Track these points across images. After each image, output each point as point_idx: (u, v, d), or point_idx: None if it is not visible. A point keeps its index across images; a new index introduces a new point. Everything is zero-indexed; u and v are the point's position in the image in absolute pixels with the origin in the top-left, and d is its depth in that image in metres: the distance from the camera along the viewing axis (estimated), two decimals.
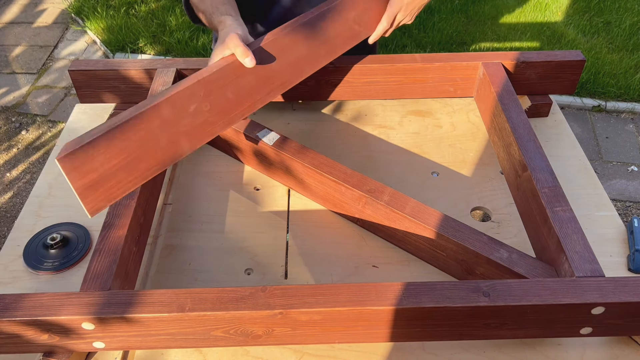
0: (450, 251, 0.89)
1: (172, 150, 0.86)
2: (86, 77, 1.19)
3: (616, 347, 0.83)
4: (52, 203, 1.06)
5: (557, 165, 1.10)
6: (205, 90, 0.88)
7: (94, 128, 0.79)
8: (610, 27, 3.25)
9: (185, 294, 0.77)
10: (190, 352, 0.83)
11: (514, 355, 0.82)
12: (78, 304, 0.76)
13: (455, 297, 0.76)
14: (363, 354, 0.83)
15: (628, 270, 0.94)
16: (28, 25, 3.46)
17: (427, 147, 1.19)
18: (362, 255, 0.97)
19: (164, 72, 1.16)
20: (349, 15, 1.09)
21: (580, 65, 1.21)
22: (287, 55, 0.99)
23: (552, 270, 0.85)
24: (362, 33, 1.14)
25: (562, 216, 0.87)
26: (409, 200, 0.93)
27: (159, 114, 0.82)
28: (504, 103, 1.10)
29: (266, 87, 0.98)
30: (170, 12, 3.33)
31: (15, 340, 0.77)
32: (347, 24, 1.09)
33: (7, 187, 2.40)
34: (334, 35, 1.07)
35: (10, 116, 2.78)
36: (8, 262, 0.95)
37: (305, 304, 0.75)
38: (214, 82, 0.89)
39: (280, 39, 0.97)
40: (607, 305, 0.75)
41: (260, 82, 0.96)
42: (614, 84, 2.85)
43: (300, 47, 1.01)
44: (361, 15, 1.11)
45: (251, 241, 0.99)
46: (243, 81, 0.92)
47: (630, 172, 2.48)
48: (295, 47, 1.00)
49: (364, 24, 1.13)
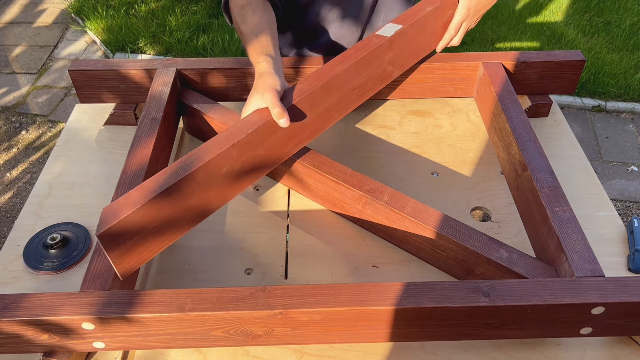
0: (450, 251, 0.89)
1: (202, 210, 0.86)
2: (86, 77, 1.19)
3: (616, 347, 0.83)
4: (52, 203, 1.06)
5: (557, 165, 1.10)
6: (238, 152, 0.87)
7: (132, 192, 0.78)
8: (610, 27, 3.25)
9: (185, 294, 0.77)
10: (190, 352, 0.83)
11: (514, 355, 0.82)
12: (78, 304, 0.76)
13: (455, 297, 0.76)
14: (363, 354, 0.83)
15: (628, 270, 0.94)
16: (28, 25, 3.46)
17: (427, 147, 1.19)
18: (362, 255, 0.97)
19: (164, 72, 1.16)
20: (385, 57, 1.07)
21: (580, 65, 1.21)
22: (319, 107, 0.98)
23: (552, 270, 0.85)
24: (394, 73, 1.12)
25: (562, 216, 0.87)
26: (409, 200, 0.93)
27: (194, 180, 0.82)
28: (504, 103, 1.10)
29: (296, 139, 0.97)
30: (170, 12, 3.33)
31: (15, 340, 0.77)
32: (382, 66, 1.07)
33: (7, 187, 2.40)
34: (366, 79, 1.05)
35: (10, 116, 2.78)
36: (8, 262, 0.95)
37: (305, 304, 0.75)
38: (247, 143, 0.87)
39: (313, 93, 0.95)
40: (607, 305, 0.75)
41: (291, 136, 0.95)
42: (614, 84, 2.85)
43: (332, 98, 0.99)
44: (397, 56, 1.09)
45: (251, 241, 0.99)
46: (275, 137, 0.90)
47: (630, 172, 2.48)
48: (327, 98, 0.98)
49: (398, 63, 1.11)
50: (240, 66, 1.17)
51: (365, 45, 1.04)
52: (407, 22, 1.08)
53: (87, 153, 1.17)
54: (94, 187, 1.09)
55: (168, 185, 0.79)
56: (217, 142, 0.86)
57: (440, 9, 1.13)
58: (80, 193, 1.08)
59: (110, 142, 1.20)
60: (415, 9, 1.12)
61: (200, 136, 1.20)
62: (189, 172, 0.81)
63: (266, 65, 0.94)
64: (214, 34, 3.16)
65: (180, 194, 0.81)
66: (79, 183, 1.10)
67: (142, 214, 0.77)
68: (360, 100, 1.07)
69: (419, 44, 1.14)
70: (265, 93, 0.89)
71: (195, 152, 0.84)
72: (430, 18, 1.12)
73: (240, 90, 1.21)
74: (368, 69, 1.04)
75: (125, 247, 0.78)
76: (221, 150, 0.83)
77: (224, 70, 1.18)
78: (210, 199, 0.86)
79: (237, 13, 1.06)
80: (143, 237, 0.80)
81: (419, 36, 1.12)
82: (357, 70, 1.02)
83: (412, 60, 1.15)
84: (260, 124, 0.88)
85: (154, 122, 1.04)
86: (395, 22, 1.09)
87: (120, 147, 1.18)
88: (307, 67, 1.19)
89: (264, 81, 0.91)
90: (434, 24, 1.14)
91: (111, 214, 0.76)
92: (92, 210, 1.04)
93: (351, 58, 1.01)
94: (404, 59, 1.13)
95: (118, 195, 0.90)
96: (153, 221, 0.79)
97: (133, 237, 0.78)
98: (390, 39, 1.04)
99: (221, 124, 1.09)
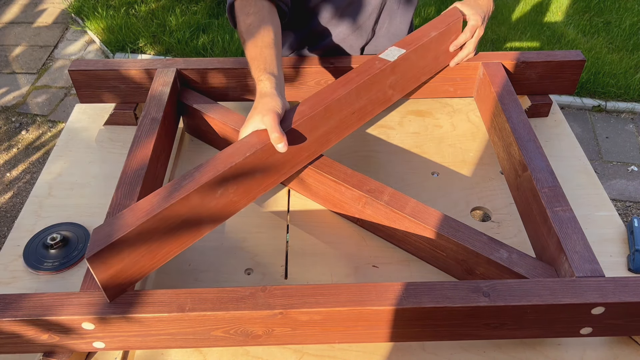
0: (450, 251, 0.89)
1: (194, 232, 0.85)
2: (86, 77, 1.19)
3: (616, 347, 0.83)
4: (52, 203, 1.06)
5: (557, 165, 1.10)
6: (234, 175, 0.85)
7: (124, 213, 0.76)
8: (610, 27, 3.25)
9: (185, 294, 0.77)
10: (190, 352, 0.83)
11: (514, 355, 0.82)
12: (78, 304, 0.76)
13: (455, 297, 0.76)
14: (363, 354, 0.83)
15: (628, 270, 0.94)
16: (28, 25, 3.46)
17: (427, 147, 1.19)
18: (362, 255, 0.97)
19: (163, 72, 1.16)
20: (386, 82, 1.06)
21: (580, 65, 1.21)
22: (318, 130, 0.97)
23: (552, 270, 0.85)
24: (394, 96, 1.11)
25: (562, 216, 0.87)
26: (409, 200, 0.93)
27: (188, 203, 0.80)
28: (504, 103, 1.10)
29: (293, 161, 0.96)
30: (170, 12, 3.33)
31: (16, 340, 0.77)
32: (383, 89, 1.06)
33: (7, 187, 2.40)
34: (367, 102, 1.04)
35: (10, 116, 2.78)
36: (8, 262, 0.95)
37: (305, 304, 0.75)
38: (244, 166, 0.86)
39: (314, 116, 0.94)
40: (607, 305, 0.75)
41: (288, 159, 0.94)
42: (614, 84, 2.85)
43: (332, 121, 0.98)
44: (398, 80, 1.08)
45: (251, 241, 0.99)
46: (271, 160, 0.88)
47: (630, 172, 2.48)
48: (327, 121, 0.97)
49: (399, 87, 1.10)
50: (240, 66, 1.17)
51: (368, 69, 1.02)
52: (411, 46, 1.07)
53: (87, 153, 1.17)
54: (94, 187, 1.09)
55: (161, 209, 0.77)
56: (213, 164, 0.84)
57: (444, 34, 1.12)
58: (80, 193, 1.08)
59: (110, 142, 1.20)
60: (419, 32, 1.11)
61: (200, 136, 1.20)
62: (183, 195, 0.79)
63: (269, 85, 0.92)
64: (214, 34, 3.16)
65: (174, 216, 0.79)
66: (79, 183, 1.10)
67: (134, 238, 0.75)
68: (358, 124, 1.06)
69: (421, 68, 1.13)
70: (265, 115, 0.87)
71: (191, 174, 0.82)
72: (434, 43, 1.11)
73: (241, 90, 1.21)
74: (369, 93, 1.03)
75: (115, 271, 0.76)
76: (218, 173, 0.82)
77: (224, 70, 1.18)
78: (203, 221, 0.85)
79: (243, 21, 1.02)
80: (133, 261, 0.78)
81: (421, 61, 1.11)
82: (358, 93, 1.00)
83: (412, 84, 1.14)
84: (258, 147, 0.86)
85: (154, 122, 1.04)
86: (398, 45, 1.08)
87: (120, 147, 1.18)
88: (307, 67, 1.19)
89: (265, 102, 0.90)
90: (438, 48, 1.13)
91: (104, 236, 0.74)
92: (92, 210, 1.04)
93: (353, 82, 1.00)
94: (405, 83, 1.12)
95: (118, 195, 0.90)
96: (144, 244, 0.78)
97: (124, 259, 0.76)
98: (393, 63, 1.04)
99: (221, 124, 1.09)
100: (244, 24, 1.02)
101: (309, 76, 1.20)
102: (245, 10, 1.03)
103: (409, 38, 1.10)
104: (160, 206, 0.77)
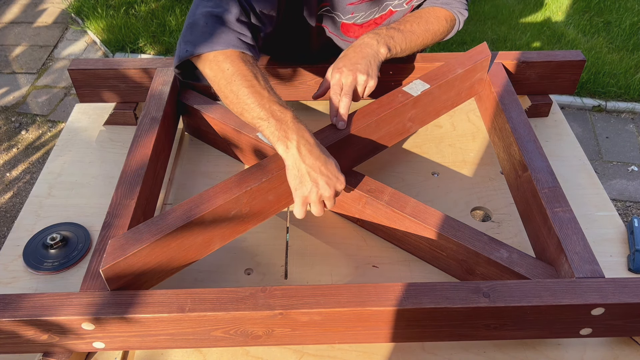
0: (451, 251, 0.89)
1: (204, 248, 0.87)
2: (86, 76, 1.19)
3: (616, 347, 0.83)
4: (52, 203, 1.06)
5: (557, 165, 1.10)
6: (249, 197, 0.87)
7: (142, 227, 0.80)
8: (610, 27, 3.25)
9: (185, 294, 0.77)
10: (190, 352, 0.83)
11: (514, 355, 0.82)
12: (78, 304, 0.75)
13: (456, 298, 0.76)
14: (363, 354, 0.83)
15: (628, 270, 0.94)
16: (28, 25, 3.46)
17: (427, 147, 1.19)
18: (362, 255, 0.97)
19: (163, 71, 1.16)
20: (407, 115, 1.06)
21: (580, 65, 1.21)
22: None
23: (552, 270, 0.85)
24: (412, 128, 1.11)
25: (562, 217, 0.87)
26: (409, 200, 0.93)
27: (202, 222, 0.83)
28: (504, 103, 1.10)
29: None
30: (170, 12, 3.33)
31: (15, 340, 0.77)
32: (402, 122, 1.06)
33: (7, 187, 2.40)
34: (385, 133, 1.04)
35: (10, 116, 2.77)
36: (8, 262, 0.95)
37: (306, 304, 0.75)
38: (259, 190, 0.88)
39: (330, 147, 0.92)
40: (607, 306, 0.75)
41: None
42: (614, 84, 2.85)
43: (348, 151, 0.99)
44: (419, 113, 1.08)
45: (251, 241, 0.99)
46: (286, 185, 0.89)
47: (630, 172, 2.48)
48: (344, 152, 0.97)
49: (418, 120, 1.10)
50: None
51: (390, 102, 1.02)
52: (436, 82, 1.07)
53: (87, 153, 1.17)
54: (94, 187, 1.09)
55: (177, 227, 0.80)
56: (228, 186, 0.86)
57: (470, 72, 1.12)
58: (80, 193, 1.08)
59: (110, 142, 1.20)
60: (445, 68, 1.10)
61: (200, 136, 1.19)
62: (198, 215, 0.81)
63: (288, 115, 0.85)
64: None
65: (187, 234, 0.82)
66: (79, 183, 1.10)
67: (147, 252, 0.78)
68: (372, 154, 1.07)
69: (442, 102, 1.12)
70: None
71: (208, 194, 0.85)
72: (458, 79, 1.11)
73: None
74: (389, 125, 1.03)
75: (126, 282, 0.79)
76: (233, 196, 0.84)
77: None
78: (214, 238, 0.87)
79: (224, 85, 0.88)
80: (144, 273, 0.81)
81: (444, 95, 1.11)
82: (377, 125, 1.01)
83: (432, 118, 1.14)
84: (275, 173, 0.88)
85: (154, 121, 1.04)
86: (423, 79, 1.07)
87: (120, 147, 1.18)
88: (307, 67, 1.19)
89: (296, 128, 0.84)
90: (461, 85, 1.13)
91: (119, 248, 0.77)
92: (92, 210, 1.04)
93: (374, 114, 1.00)
94: (425, 117, 1.11)
95: (118, 195, 0.90)
96: (156, 259, 0.81)
97: (135, 272, 0.79)
98: (415, 97, 1.04)
99: (221, 123, 1.09)
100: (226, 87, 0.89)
101: (308, 76, 1.20)
102: (225, 74, 0.89)
103: (433, 73, 1.09)
104: (175, 224, 0.80)
